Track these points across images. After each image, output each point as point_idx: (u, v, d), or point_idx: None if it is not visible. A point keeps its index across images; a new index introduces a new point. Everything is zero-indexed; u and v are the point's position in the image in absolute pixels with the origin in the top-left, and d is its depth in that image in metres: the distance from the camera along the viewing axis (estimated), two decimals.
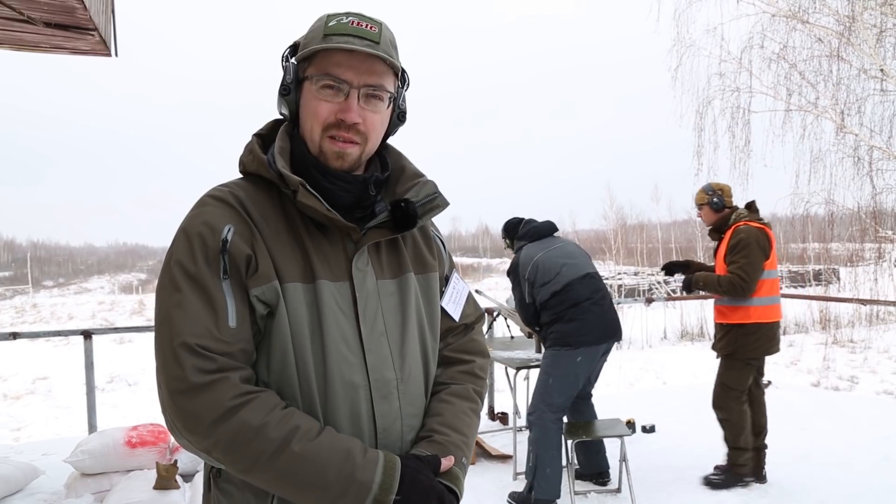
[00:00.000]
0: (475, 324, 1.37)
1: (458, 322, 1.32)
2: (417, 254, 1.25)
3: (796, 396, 5.93)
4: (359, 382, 1.09)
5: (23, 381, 10.43)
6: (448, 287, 1.31)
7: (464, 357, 1.30)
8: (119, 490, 3.39)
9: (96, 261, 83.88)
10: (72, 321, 21.97)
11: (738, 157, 9.00)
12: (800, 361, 10.35)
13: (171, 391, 0.98)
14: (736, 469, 3.77)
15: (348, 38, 1.07)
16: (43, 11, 4.27)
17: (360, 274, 1.13)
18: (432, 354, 1.23)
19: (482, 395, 1.31)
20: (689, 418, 5.03)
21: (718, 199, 3.85)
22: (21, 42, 4.97)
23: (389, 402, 1.12)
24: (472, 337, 1.35)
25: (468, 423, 1.22)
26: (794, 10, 8.11)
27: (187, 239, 1.05)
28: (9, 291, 44.13)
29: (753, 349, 3.71)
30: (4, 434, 7.17)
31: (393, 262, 1.20)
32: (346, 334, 1.09)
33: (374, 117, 1.12)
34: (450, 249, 1.36)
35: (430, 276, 1.25)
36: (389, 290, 1.17)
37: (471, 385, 1.28)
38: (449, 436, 1.15)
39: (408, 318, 1.17)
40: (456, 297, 1.32)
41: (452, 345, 1.31)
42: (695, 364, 10.22)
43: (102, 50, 5.15)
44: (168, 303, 1.02)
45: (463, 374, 1.28)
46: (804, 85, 8.43)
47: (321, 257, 1.10)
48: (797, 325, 13.75)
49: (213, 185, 1.14)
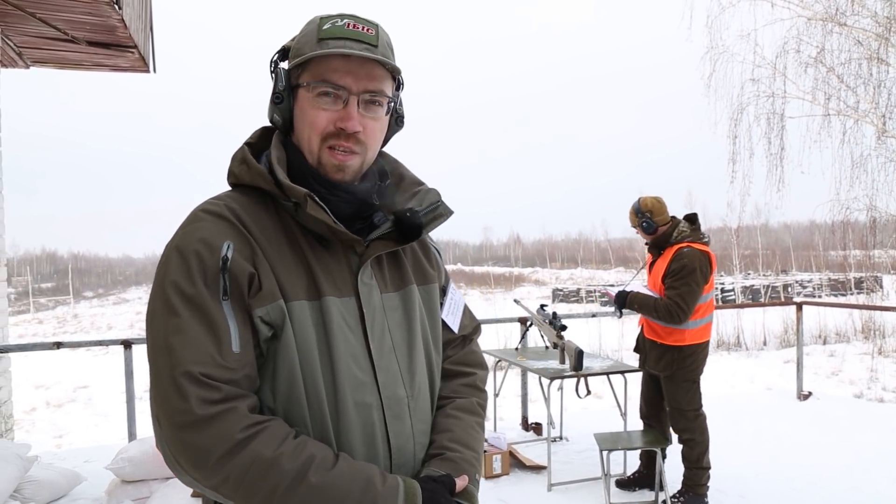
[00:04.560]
0: (473, 335, 1.33)
1: (457, 334, 1.28)
2: (417, 265, 1.21)
3: (838, 408, 5.77)
4: (371, 402, 1.04)
5: (64, 390, 10.69)
6: (446, 298, 1.26)
7: (464, 369, 1.27)
8: (158, 497, 3.45)
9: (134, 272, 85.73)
10: (111, 331, 22.44)
11: (773, 164, 8.86)
12: (841, 372, 10.06)
13: (174, 425, 0.90)
14: (697, 490, 3.64)
15: (345, 42, 1.01)
16: (86, 31, 4.42)
17: (366, 288, 1.08)
18: (437, 368, 1.20)
19: (485, 408, 1.28)
20: (727, 429, 4.93)
21: (647, 222, 3.67)
22: (64, 61, 5.15)
23: (402, 420, 1.08)
24: (471, 349, 1.31)
25: (477, 438, 1.19)
26: (830, 13, 7.97)
27: (182, 258, 0.97)
28: (51, 302, 45.33)
29: (692, 370, 3.60)
30: (47, 441, 7.35)
31: (395, 274, 1.16)
32: (355, 352, 1.04)
33: (373, 125, 1.06)
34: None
35: (430, 288, 1.21)
36: (394, 304, 1.13)
37: (475, 398, 1.24)
38: (461, 452, 1.12)
39: (414, 333, 1.14)
40: (454, 309, 1.28)
41: (452, 357, 1.27)
42: (731, 374, 10.03)
43: (141, 66, 5.30)
44: (165, 329, 0.94)
45: (466, 387, 1.25)
46: (843, 89, 8.26)
47: (325, 272, 1.04)
48: (838, 334, 13.37)
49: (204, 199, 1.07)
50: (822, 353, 11.67)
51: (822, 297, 22.55)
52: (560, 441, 4.82)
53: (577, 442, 4.75)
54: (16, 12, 4.04)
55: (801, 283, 24.55)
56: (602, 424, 4.55)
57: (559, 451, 4.54)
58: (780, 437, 4.84)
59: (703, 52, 8.95)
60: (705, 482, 3.64)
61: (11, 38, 4.56)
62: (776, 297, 22.22)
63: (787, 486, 3.87)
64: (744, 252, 25.42)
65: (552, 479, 3.96)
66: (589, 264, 68.24)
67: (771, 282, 23.86)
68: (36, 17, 4.08)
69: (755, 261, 27.43)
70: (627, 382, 4.10)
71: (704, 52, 8.94)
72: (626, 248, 33.95)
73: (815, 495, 3.73)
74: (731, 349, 13.14)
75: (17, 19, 4.21)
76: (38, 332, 23.14)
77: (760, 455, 4.24)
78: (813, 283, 24.39)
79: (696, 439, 3.62)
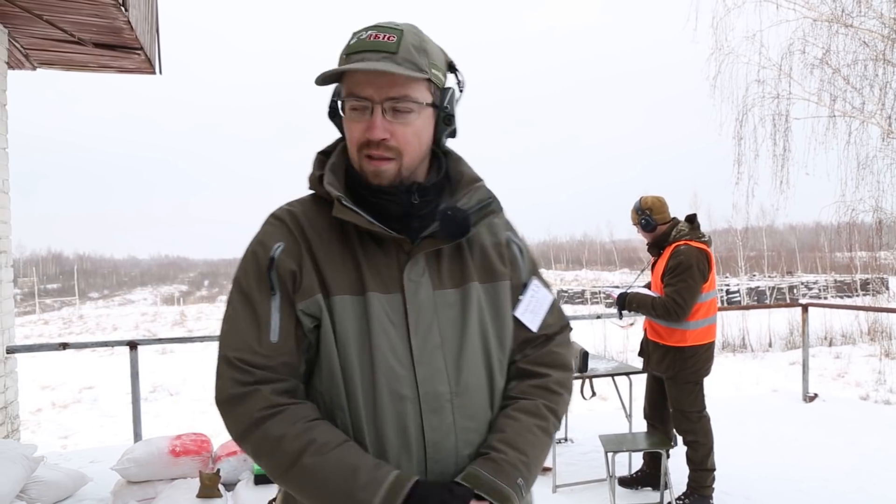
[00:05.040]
0: (557, 335, 1.26)
1: (538, 332, 1.23)
2: (485, 261, 1.19)
3: (845, 410, 5.74)
4: (406, 395, 1.08)
5: (70, 391, 10.73)
6: (525, 295, 1.23)
7: (539, 370, 1.21)
8: (163, 498, 3.46)
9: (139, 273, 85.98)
10: (116, 332, 22.51)
11: (779, 165, 8.84)
12: (847, 374, 10.04)
13: (215, 401, 1.08)
14: (702, 492, 3.61)
15: (364, 55, 1.06)
16: (92, 33, 4.43)
17: (413, 285, 1.11)
18: (498, 367, 1.17)
19: (558, 412, 1.20)
20: (732, 431, 4.91)
21: (647, 219, 3.69)
22: (71, 62, 5.17)
23: (440, 415, 1.09)
24: (550, 349, 1.24)
25: (531, 442, 1.13)
26: (836, 14, 7.95)
27: (245, 258, 1.13)
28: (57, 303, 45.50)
29: (694, 372, 3.58)
30: (53, 441, 7.38)
31: (455, 271, 1.16)
32: (395, 346, 1.08)
33: (404, 130, 1.08)
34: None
35: (498, 286, 1.19)
36: (449, 301, 1.13)
37: (542, 400, 1.18)
38: (506, 454, 1.09)
39: (468, 329, 1.13)
40: (534, 306, 1.23)
41: (529, 356, 1.22)
42: (737, 376, 10.01)
43: (147, 68, 5.32)
44: (224, 317, 1.12)
45: (535, 388, 1.19)
46: (848, 90, 8.24)
47: (373, 270, 1.11)
48: (844, 336, 13.34)
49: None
50: (827, 355, 11.64)
51: (827, 298, 22.48)
52: (565, 443, 4.81)
53: (582, 443, 4.74)
54: (23, 14, 4.06)
55: (807, 285, 24.48)
56: (607, 426, 4.54)
57: (564, 452, 4.53)
58: (786, 439, 4.82)
59: (709, 54, 8.95)
60: (710, 484, 3.63)
61: (18, 40, 4.58)
62: (781, 298, 22.17)
63: (792, 487, 3.86)
64: (749, 254, 25.36)
65: (557, 481, 3.96)
66: (594, 266, 68.15)
67: (776, 283, 23.80)
68: (43, 18, 4.10)
69: (760, 262, 27.38)
70: (632, 384, 4.09)
71: (710, 54, 8.94)
72: (631, 250, 33.90)
73: (821, 497, 3.72)
74: (736, 351, 13.12)
75: (25, 21, 4.23)
76: (43, 332, 23.24)
77: (766, 457, 4.22)
78: (818, 285, 24.32)
79: (700, 441, 3.60)
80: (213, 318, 25.90)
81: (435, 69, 1.11)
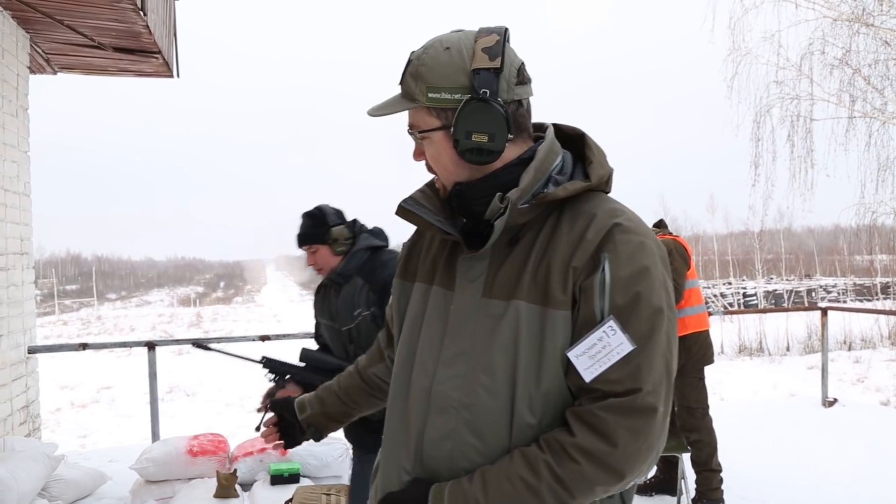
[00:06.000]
0: (618, 396, 0.99)
1: (588, 383, 1.01)
2: (546, 281, 1.04)
3: (864, 415, 5.67)
4: (424, 386, 1.13)
5: (88, 391, 10.84)
6: (590, 335, 1.00)
7: (571, 425, 1.01)
8: (181, 497, 3.49)
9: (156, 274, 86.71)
10: (133, 333, 22.72)
11: (798, 167, 8.75)
12: (867, 378, 9.90)
13: None
14: (711, 495, 3.59)
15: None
16: (112, 37, 4.49)
17: (462, 287, 1.13)
18: (525, 400, 1.03)
19: (563, 481, 0.98)
20: (749, 436, 4.87)
21: None
22: (91, 66, 5.23)
23: (444, 418, 1.09)
24: (594, 409, 0.99)
25: (503, 490, 1.00)
26: (857, 14, 7.86)
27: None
28: (75, 304, 46.02)
29: (699, 359, 3.66)
30: (72, 441, 7.46)
31: (509, 282, 1.07)
32: (433, 341, 1.14)
33: (428, 153, 1.14)
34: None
35: (547, 312, 1.03)
36: (491, 311, 1.07)
37: (548, 457, 0.99)
38: (472, 484, 1.02)
39: (495, 347, 1.05)
40: (598, 352, 1.00)
41: (579, 408, 1.01)
42: (753, 380, 9.91)
43: (165, 72, 5.37)
44: None
45: (554, 441, 1.01)
46: (869, 90, 8.14)
47: (446, 266, 1.18)
48: (864, 340, 13.16)
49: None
50: (847, 360, 11.49)
51: (847, 302, 22.20)
52: None
53: None
54: (45, 20, 4.12)
55: (826, 288, 24.19)
56: None
57: None
58: (804, 443, 4.77)
59: (726, 55, 8.87)
60: (718, 485, 3.61)
61: (40, 45, 4.65)
62: (800, 302, 21.93)
63: (811, 493, 3.82)
64: (766, 256, 25.10)
65: None
66: None
67: (794, 286, 23.54)
68: (64, 24, 4.16)
69: (778, 265, 27.08)
70: None
71: (727, 55, 8.85)
72: None
73: (840, 503, 3.67)
74: (753, 354, 12.98)
75: (46, 26, 4.29)
76: (62, 333, 23.50)
77: (784, 461, 4.18)
78: (838, 288, 24.02)
79: (704, 440, 3.60)
80: (228, 320, 26.07)
81: (433, 92, 1.06)
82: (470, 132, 1.05)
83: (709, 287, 22.05)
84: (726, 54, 8.85)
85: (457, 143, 1.07)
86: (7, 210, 4.15)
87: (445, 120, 1.08)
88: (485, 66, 1.06)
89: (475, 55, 1.06)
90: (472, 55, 1.07)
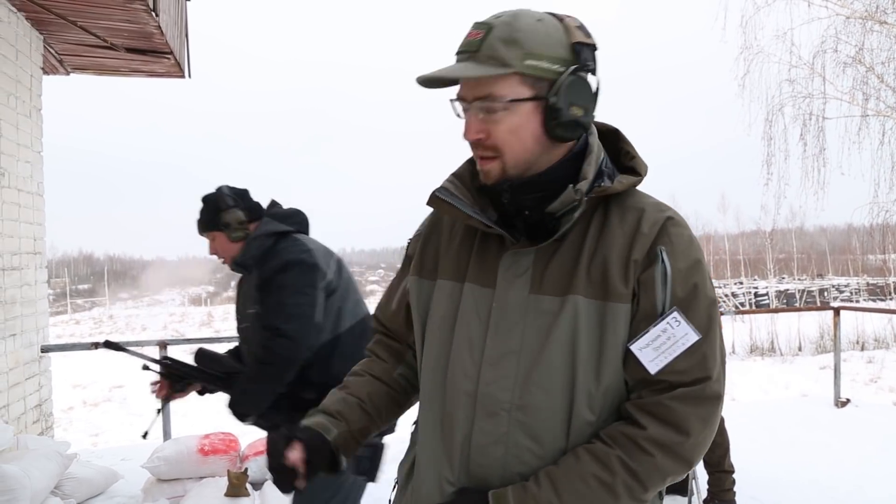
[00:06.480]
0: (687, 386, 1.01)
1: (657, 376, 1.01)
2: (603, 275, 1.03)
3: (878, 416, 5.62)
4: (467, 389, 1.06)
5: (100, 389, 10.91)
6: (654, 328, 1.01)
7: (639, 419, 1.01)
8: (192, 496, 3.50)
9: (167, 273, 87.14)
10: (145, 332, 22.86)
11: (811, 166, 8.69)
12: (881, 378, 9.81)
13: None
14: (723, 496, 3.56)
15: (458, 55, 1.03)
16: (124, 38, 4.52)
17: (506, 283, 1.06)
18: (585, 397, 1.02)
19: (637, 474, 0.99)
20: (761, 436, 4.83)
21: None
22: (103, 67, 5.27)
23: (494, 422, 1.03)
24: (663, 400, 1.00)
25: (577, 491, 0.98)
26: (870, 11, 7.80)
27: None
28: (87, 303, 46.35)
29: None
30: (84, 439, 7.51)
31: (562, 277, 1.04)
32: (473, 340, 1.07)
33: (496, 129, 1.02)
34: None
35: (608, 307, 1.02)
36: (543, 308, 1.03)
37: (619, 451, 0.99)
38: (540, 488, 0.98)
39: (551, 344, 1.01)
40: (662, 344, 1.01)
41: (641, 401, 1.02)
42: (765, 380, 9.84)
43: (177, 72, 5.40)
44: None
45: (622, 436, 1.00)
46: (883, 88, 8.08)
47: (479, 262, 1.11)
48: (877, 340, 13.04)
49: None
50: (860, 360, 11.39)
51: (859, 301, 22.02)
52: None
53: None
54: (58, 21, 4.15)
55: (838, 288, 24.00)
56: None
57: None
58: (817, 444, 4.73)
59: (738, 53, 8.83)
60: (730, 487, 3.58)
61: (53, 46, 4.68)
62: (812, 301, 21.77)
63: (824, 494, 3.78)
64: (778, 256, 24.94)
65: None
66: None
67: (806, 286, 23.37)
68: (77, 25, 4.19)
69: (790, 264, 26.89)
70: None
71: (739, 53, 8.81)
72: None
73: None
74: (764, 355, 12.90)
75: (59, 27, 4.32)
76: (75, 332, 23.68)
77: (796, 462, 4.14)
78: (850, 288, 23.83)
79: (716, 440, 3.57)
80: None
81: (532, 59, 1.00)
82: (570, 104, 1.02)
83: (720, 287, 21.94)
84: (738, 52, 8.82)
85: (558, 112, 1.01)
86: (21, 210, 4.19)
87: (538, 90, 1.02)
88: (585, 42, 1.04)
89: (571, 30, 1.03)
90: (568, 29, 1.04)
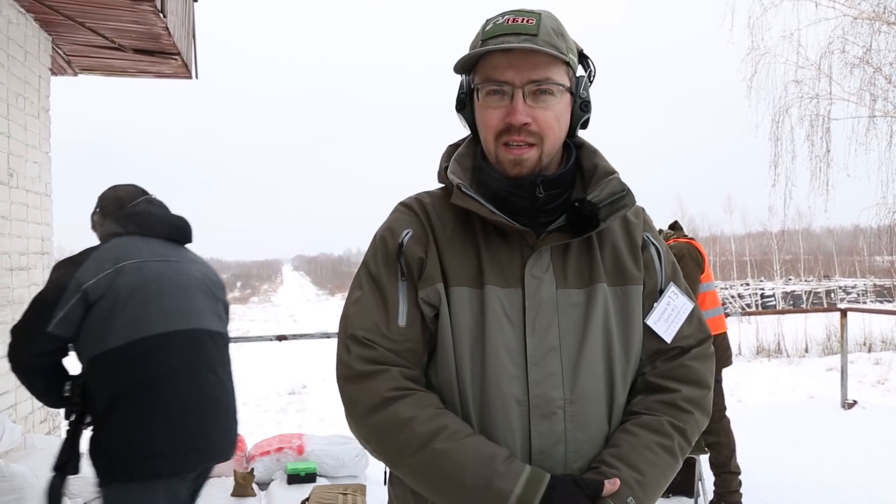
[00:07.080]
0: (695, 347, 1.15)
1: (671, 344, 1.13)
2: (617, 262, 1.12)
3: (885, 418, 5.59)
4: (517, 397, 1.03)
5: None
6: (661, 302, 1.13)
7: (668, 384, 1.11)
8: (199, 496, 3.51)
9: None
10: None
11: (818, 167, 8.66)
12: (888, 380, 9.77)
13: (338, 377, 1.06)
14: (729, 498, 3.54)
15: (503, 38, 1.02)
16: (132, 39, 4.53)
17: (535, 281, 1.06)
18: (621, 377, 1.09)
19: (686, 432, 1.09)
20: (768, 438, 4.82)
21: None
22: (111, 68, 5.29)
23: (552, 422, 1.03)
24: (683, 362, 1.13)
25: (649, 460, 1.03)
26: (878, 12, 7.77)
27: (374, 243, 1.13)
28: None
29: (716, 362, 3.57)
30: None
31: (582, 269, 1.09)
32: (509, 345, 1.04)
33: (545, 114, 1.04)
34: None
35: (629, 290, 1.11)
36: (573, 301, 1.07)
37: (667, 417, 1.08)
38: (619, 470, 1.00)
39: (590, 334, 1.06)
40: (670, 315, 1.13)
41: (659, 369, 1.12)
42: (771, 381, 9.81)
43: (184, 73, 5.42)
44: (350, 299, 1.11)
45: (661, 403, 1.09)
46: (890, 89, 8.04)
47: (494, 263, 1.07)
48: (884, 341, 12.98)
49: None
50: (867, 361, 11.34)
51: (866, 303, 21.92)
52: None
53: None
54: (66, 22, 4.18)
55: (845, 289, 23.92)
56: None
57: None
58: (824, 445, 4.71)
59: (745, 54, 8.81)
60: (737, 488, 3.57)
61: (61, 47, 4.71)
62: (818, 303, 21.69)
63: (831, 496, 3.77)
64: (785, 257, 24.84)
65: None
66: None
67: (813, 287, 23.29)
68: (85, 26, 4.21)
69: (796, 266, 26.79)
70: None
71: (746, 54, 8.80)
72: None
73: None
74: (771, 356, 12.86)
75: (67, 29, 4.35)
76: None
77: (803, 464, 4.13)
78: (857, 289, 23.74)
79: (722, 442, 3.57)
80: (245, 320, 26.22)
81: (572, 54, 1.08)
82: (588, 104, 1.12)
83: (726, 288, 21.89)
84: (745, 53, 8.80)
85: (587, 107, 1.11)
86: (28, 210, 4.21)
87: (572, 85, 1.09)
88: (581, 50, 1.13)
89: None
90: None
